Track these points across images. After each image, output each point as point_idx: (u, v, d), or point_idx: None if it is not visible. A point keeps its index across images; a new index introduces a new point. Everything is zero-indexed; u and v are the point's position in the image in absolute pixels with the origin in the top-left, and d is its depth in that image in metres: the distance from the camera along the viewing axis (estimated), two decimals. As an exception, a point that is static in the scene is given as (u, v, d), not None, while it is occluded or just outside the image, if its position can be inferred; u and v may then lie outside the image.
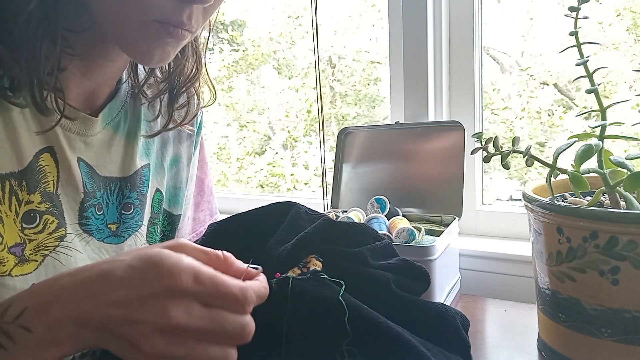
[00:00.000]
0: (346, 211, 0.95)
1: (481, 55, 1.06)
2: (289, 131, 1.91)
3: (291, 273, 0.49)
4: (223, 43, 1.94)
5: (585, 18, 0.59)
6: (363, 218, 0.90)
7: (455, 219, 0.88)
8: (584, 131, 0.62)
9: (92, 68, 0.56)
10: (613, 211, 0.51)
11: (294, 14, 1.85)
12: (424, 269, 0.56)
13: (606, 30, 1.15)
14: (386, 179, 1.01)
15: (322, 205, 1.22)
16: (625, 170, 0.56)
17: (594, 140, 0.58)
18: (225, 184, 1.97)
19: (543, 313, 0.62)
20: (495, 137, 0.61)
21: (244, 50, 1.95)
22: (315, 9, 1.20)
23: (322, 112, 1.24)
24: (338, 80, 1.79)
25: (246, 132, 1.98)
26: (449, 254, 0.83)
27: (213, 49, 1.89)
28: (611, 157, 0.56)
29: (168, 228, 0.72)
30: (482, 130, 1.08)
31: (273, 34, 1.87)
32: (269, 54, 1.90)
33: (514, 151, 0.61)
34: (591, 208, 0.53)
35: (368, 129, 1.07)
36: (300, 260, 0.52)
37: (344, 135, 1.06)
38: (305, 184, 1.85)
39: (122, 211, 0.62)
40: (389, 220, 0.88)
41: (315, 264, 0.51)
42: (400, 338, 0.46)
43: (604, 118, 0.59)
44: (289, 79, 1.88)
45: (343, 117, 1.74)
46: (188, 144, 0.73)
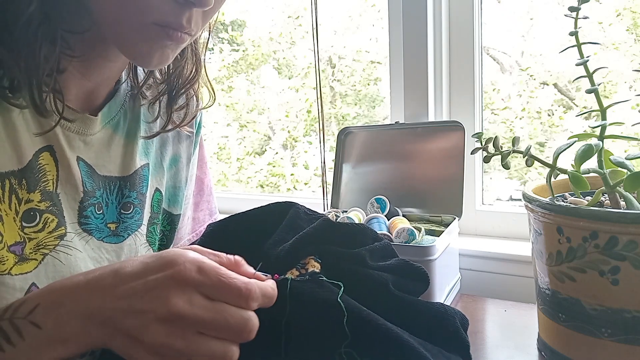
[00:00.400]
0: (346, 211, 0.95)
1: (481, 55, 1.06)
2: (289, 131, 1.91)
3: (289, 275, 0.49)
4: (223, 43, 1.94)
5: (585, 18, 0.59)
6: (363, 218, 0.90)
7: (455, 219, 0.88)
8: (584, 131, 0.62)
9: (91, 69, 0.56)
10: (613, 211, 0.51)
11: (294, 14, 1.85)
12: (423, 269, 0.56)
13: (606, 30, 1.15)
14: (386, 179, 1.01)
15: (322, 206, 1.22)
16: (625, 170, 0.56)
17: (594, 140, 0.58)
18: (225, 184, 1.97)
19: (543, 313, 0.62)
20: (495, 137, 0.61)
21: (244, 50, 1.95)
22: (315, 9, 1.20)
23: (322, 112, 1.24)
24: (338, 80, 1.79)
25: (246, 132, 1.98)
26: (449, 254, 0.83)
27: (213, 49, 1.89)
28: (611, 157, 0.56)
29: (167, 228, 0.72)
30: (482, 130, 1.08)
31: (273, 34, 1.87)
32: (269, 54, 1.90)
33: (514, 151, 0.61)
34: (591, 208, 0.53)
35: (368, 129, 1.07)
36: (298, 261, 0.52)
37: (344, 135, 1.06)
38: (305, 184, 1.85)
39: (122, 211, 0.62)
40: (389, 220, 0.88)
41: (313, 265, 0.51)
42: (400, 339, 0.46)
43: (604, 118, 0.59)
44: (289, 79, 1.88)
45: (343, 117, 1.74)
46: (187, 144, 0.73)
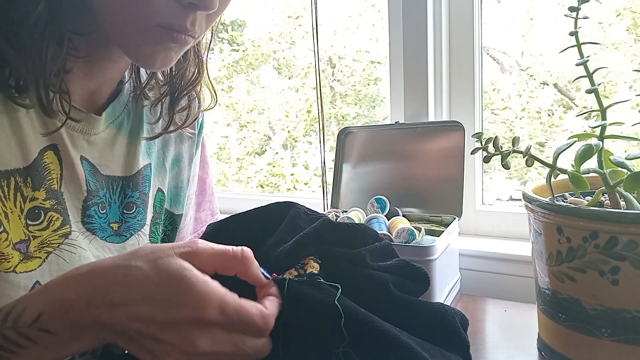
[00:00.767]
0: (346, 211, 0.95)
1: (481, 55, 1.06)
2: (289, 131, 1.91)
3: (288, 274, 0.49)
4: (223, 43, 1.94)
5: (585, 18, 0.59)
6: (363, 218, 0.90)
7: (455, 219, 0.88)
8: (584, 131, 0.62)
9: (95, 69, 0.56)
10: (613, 211, 0.52)
11: (294, 14, 1.85)
12: (424, 270, 0.56)
13: (606, 30, 1.15)
14: (386, 179, 1.01)
15: (322, 206, 1.22)
16: (625, 170, 0.56)
17: (594, 140, 0.58)
18: (225, 184, 1.97)
19: (543, 313, 0.62)
20: (495, 137, 0.61)
21: (244, 50, 1.95)
22: (315, 9, 1.20)
23: (322, 112, 1.24)
24: (338, 80, 1.79)
25: (246, 132, 1.98)
26: (449, 254, 0.83)
27: (213, 49, 1.89)
28: (611, 157, 0.56)
29: (169, 228, 0.72)
30: (482, 130, 1.08)
31: (273, 34, 1.87)
32: (269, 54, 1.90)
33: (514, 151, 0.61)
34: (591, 208, 0.53)
35: (368, 129, 1.07)
36: (298, 262, 0.52)
37: (344, 135, 1.06)
38: (305, 184, 1.85)
39: (124, 210, 0.62)
40: (389, 220, 0.88)
41: (312, 266, 0.51)
42: (398, 340, 0.46)
43: (604, 118, 0.59)
44: (289, 79, 1.88)
45: (343, 117, 1.74)
46: (189, 144, 0.73)
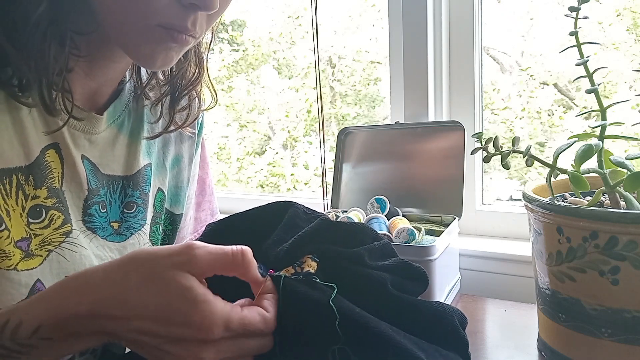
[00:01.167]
0: (346, 211, 0.95)
1: (481, 55, 1.06)
2: (289, 131, 1.91)
3: (284, 272, 0.49)
4: (223, 43, 1.94)
5: (585, 18, 0.59)
6: (363, 218, 0.90)
7: (455, 219, 0.88)
8: (584, 131, 0.62)
9: (96, 69, 0.57)
10: (613, 211, 0.51)
11: (294, 14, 1.85)
12: (422, 269, 0.56)
13: (606, 30, 1.15)
14: (386, 179, 1.01)
15: (322, 205, 1.22)
16: (625, 170, 0.56)
17: (594, 140, 0.58)
18: (225, 184, 1.97)
19: (543, 313, 0.62)
20: (495, 137, 0.61)
21: (244, 50, 1.95)
22: (315, 9, 1.20)
23: (322, 112, 1.24)
24: (338, 80, 1.79)
25: (246, 132, 1.98)
26: (449, 254, 0.83)
27: (213, 49, 1.89)
28: (611, 157, 0.56)
29: (169, 227, 0.72)
30: (482, 130, 1.08)
31: (273, 34, 1.87)
32: (269, 54, 1.90)
33: (514, 151, 0.61)
34: (591, 208, 0.53)
35: (368, 129, 1.07)
36: (296, 260, 0.52)
37: (344, 135, 1.06)
38: (305, 184, 1.85)
39: (125, 210, 0.62)
40: (389, 220, 0.88)
41: (310, 264, 0.51)
42: (393, 340, 0.46)
43: (604, 118, 0.59)
44: (289, 79, 1.88)
45: (343, 117, 1.74)
46: (189, 144, 0.73)
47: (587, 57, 0.59)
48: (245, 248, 0.44)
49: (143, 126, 0.65)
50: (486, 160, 0.62)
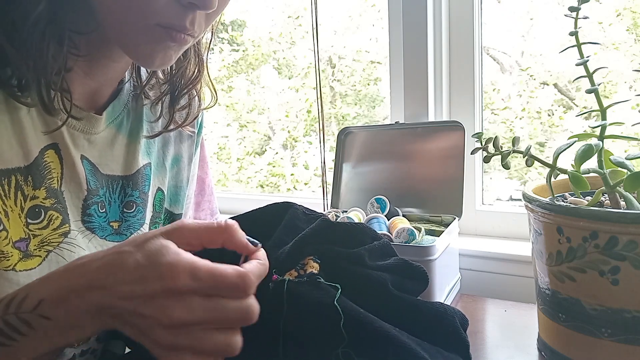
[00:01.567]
0: (346, 211, 0.95)
1: (481, 55, 1.06)
2: (289, 131, 1.91)
3: (288, 276, 0.49)
4: (223, 43, 1.94)
5: (585, 18, 0.59)
6: (363, 218, 0.90)
7: (455, 219, 0.88)
8: (584, 131, 0.62)
9: (96, 68, 0.57)
10: (613, 211, 0.51)
11: (294, 14, 1.85)
12: (422, 268, 0.56)
13: (606, 30, 1.15)
14: (386, 179, 1.01)
15: (322, 205, 1.22)
16: (625, 170, 0.56)
17: (594, 140, 0.58)
18: (225, 184, 1.97)
19: (543, 313, 0.62)
20: (495, 137, 0.61)
21: (244, 50, 1.95)
22: (315, 9, 1.20)
23: (322, 112, 1.24)
24: (338, 80, 1.79)
25: (246, 132, 1.98)
26: (449, 254, 0.83)
27: (213, 49, 1.89)
28: (611, 157, 0.56)
29: (169, 227, 0.72)
30: (482, 130, 1.08)
31: (273, 34, 1.87)
32: (269, 54, 1.90)
33: (514, 151, 0.61)
34: (591, 208, 0.53)
35: (368, 129, 1.07)
36: (297, 262, 0.52)
37: (344, 135, 1.06)
38: (305, 184, 1.85)
39: (124, 209, 0.62)
40: (389, 220, 0.88)
41: (312, 266, 0.51)
42: (397, 341, 0.46)
43: (604, 118, 0.59)
44: (289, 79, 1.88)
45: (343, 117, 1.74)
46: (189, 144, 0.73)
47: (587, 57, 0.58)
48: (230, 220, 0.44)
49: (142, 125, 0.65)
50: (486, 160, 0.62)
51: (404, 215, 0.93)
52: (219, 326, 0.40)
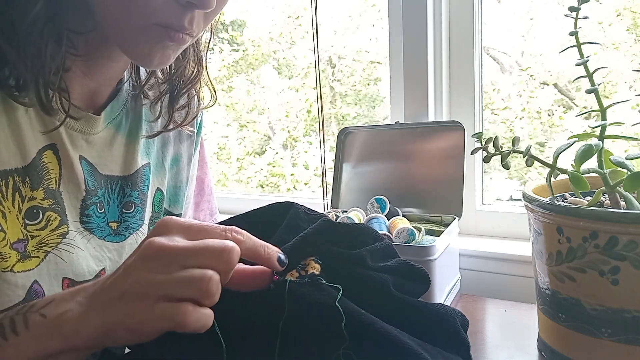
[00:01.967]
0: (346, 211, 0.95)
1: (481, 55, 1.06)
2: (289, 131, 1.91)
3: (289, 276, 0.49)
4: (223, 43, 1.94)
5: (585, 18, 0.59)
6: (363, 218, 0.90)
7: (455, 219, 0.88)
8: (584, 131, 0.62)
9: (94, 68, 0.56)
10: (613, 211, 0.51)
11: (294, 14, 1.85)
12: (424, 270, 0.56)
13: (606, 30, 1.15)
14: (386, 179, 1.01)
15: (322, 205, 1.22)
16: (625, 170, 0.56)
17: (594, 140, 0.58)
18: (225, 184, 1.97)
19: (543, 313, 0.62)
20: (495, 137, 0.61)
21: (244, 50, 1.95)
22: (315, 9, 1.20)
23: (322, 112, 1.24)
24: (338, 80, 1.79)
25: (246, 132, 1.98)
26: (449, 254, 0.83)
27: (213, 49, 1.89)
28: (611, 157, 0.56)
29: (168, 227, 0.72)
30: (482, 130, 1.08)
31: (273, 34, 1.87)
32: (269, 54, 1.90)
33: (514, 151, 0.61)
34: (591, 208, 0.53)
35: (368, 129, 1.06)
36: (299, 262, 0.52)
37: (344, 135, 1.06)
38: (305, 184, 1.85)
39: (123, 210, 0.62)
40: (389, 220, 0.88)
41: (313, 267, 0.51)
42: (399, 342, 0.46)
43: (604, 118, 0.59)
44: (289, 79, 1.88)
45: (343, 117, 1.74)
46: (188, 144, 0.73)
47: (587, 57, 0.58)
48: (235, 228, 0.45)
49: (141, 125, 0.65)
50: (486, 160, 0.62)
51: (404, 215, 0.93)
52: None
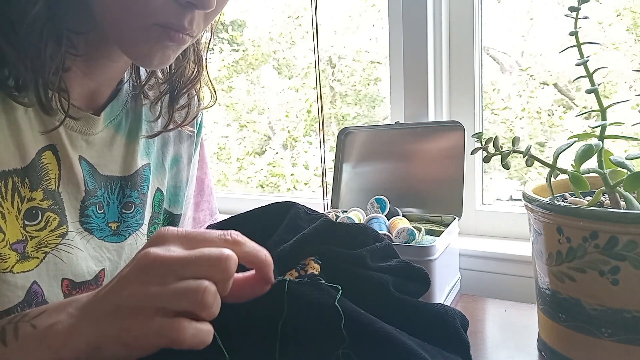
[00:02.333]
0: (346, 211, 0.95)
1: (481, 55, 1.06)
2: (289, 131, 1.91)
3: (288, 276, 0.49)
4: (223, 43, 1.94)
5: (585, 18, 0.59)
6: (363, 218, 0.90)
7: (455, 219, 0.88)
8: (584, 131, 0.62)
9: (94, 68, 0.56)
10: (613, 211, 0.51)
11: (294, 14, 1.85)
12: (424, 270, 0.56)
13: (606, 30, 1.15)
14: (386, 179, 1.01)
15: (322, 205, 1.22)
16: (625, 170, 0.56)
17: (594, 140, 0.58)
18: (225, 184, 1.97)
19: (543, 313, 0.62)
20: (495, 137, 0.61)
21: (244, 50, 1.95)
22: (315, 9, 1.20)
23: (322, 112, 1.24)
24: (338, 80, 1.79)
25: (246, 132, 1.98)
26: (449, 254, 0.83)
27: (213, 49, 1.89)
28: (611, 157, 0.56)
29: (168, 228, 0.72)
30: (482, 130, 1.08)
31: (273, 34, 1.87)
32: (269, 54, 1.90)
33: (514, 151, 0.61)
34: (591, 208, 0.53)
35: (368, 129, 1.06)
36: (298, 262, 0.52)
37: (344, 135, 1.06)
38: (305, 184, 1.85)
39: (123, 210, 0.62)
40: (389, 220, 0.88)
41: (313, 267, 0.51)
42: (398, 342, 0.46)
43: (604, 118, 0.59)
44: (289, 79, 1.88)
45: (343, 117, 1.74)
46: (188, 144, 0.73)
47: (587, 57, 0.58)
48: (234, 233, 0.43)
49: (141, 126, 0.65)
50: (486, 160, 0.62)
51: (404, 215, 0.93)
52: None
